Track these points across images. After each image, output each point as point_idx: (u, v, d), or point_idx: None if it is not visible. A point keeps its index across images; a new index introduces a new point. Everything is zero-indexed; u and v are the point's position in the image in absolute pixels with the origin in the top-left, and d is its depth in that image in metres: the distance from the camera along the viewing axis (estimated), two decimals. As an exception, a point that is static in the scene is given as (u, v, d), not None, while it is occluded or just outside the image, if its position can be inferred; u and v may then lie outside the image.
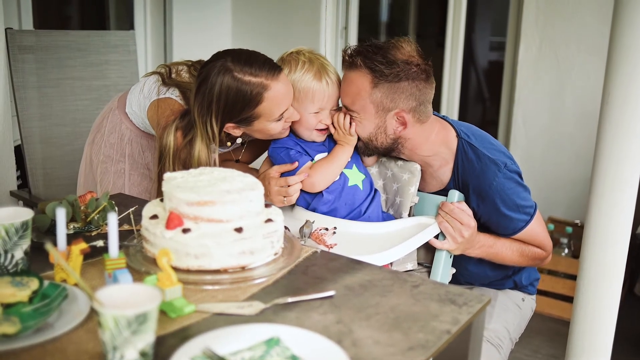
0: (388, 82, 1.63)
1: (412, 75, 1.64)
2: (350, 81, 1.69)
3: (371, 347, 1.01)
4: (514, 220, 1.72)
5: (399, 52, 1.65)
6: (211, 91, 1.65)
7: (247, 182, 1.33)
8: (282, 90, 1.67)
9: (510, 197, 1.69)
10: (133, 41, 2.80)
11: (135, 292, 0.95)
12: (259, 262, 1.27)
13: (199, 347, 0.96)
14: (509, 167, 1.69)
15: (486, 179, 1.68)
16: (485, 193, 1.69)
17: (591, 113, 3.16)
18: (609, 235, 1.48)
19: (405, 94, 1.65)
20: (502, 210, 1.70)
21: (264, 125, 1.71)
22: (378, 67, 1.63)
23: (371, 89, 1.65)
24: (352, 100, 1.69)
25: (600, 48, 3.12)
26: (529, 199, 1.74)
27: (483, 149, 1.71)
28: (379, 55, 1.64)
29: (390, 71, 1.62)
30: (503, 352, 1.77)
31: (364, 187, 1.77)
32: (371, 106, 1.67)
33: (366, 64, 1.64)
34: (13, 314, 1.03)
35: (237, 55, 1.67)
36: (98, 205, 1.46)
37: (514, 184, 1.70)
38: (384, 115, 1.67)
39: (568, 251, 3.08)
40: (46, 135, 2.53)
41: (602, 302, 1.52)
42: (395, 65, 1.63)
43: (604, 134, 1.45)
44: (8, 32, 2.47)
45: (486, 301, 1.19)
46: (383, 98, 1.65)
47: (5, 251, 1.20)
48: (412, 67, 1.64)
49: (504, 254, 1.75)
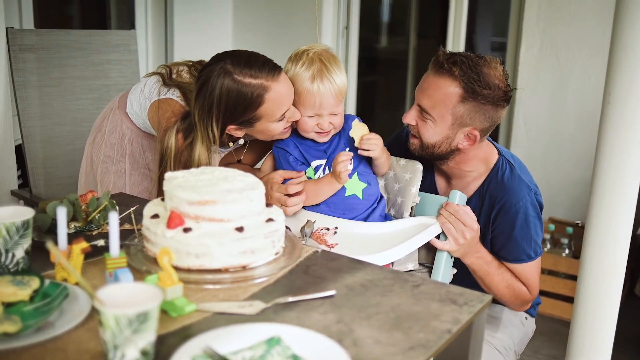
0: (475, 101, 1.64)
1: (497, 102, 1.66)
2: (438, 86, 1.67)
3: (372, 347, 1.01)
4: (520, 251, 1.73)
5: (492, 72, 1.66)
6: (211, 94, 1.64)
7: (248, 181, 1.33)
8: (282, 91, 1.66)
9: (528, 225, 1.71)
10: (134, 41, 2.80)
11: (136, 291, 0.95)
12: (260, 261, 1.27)
13: (199, 346, 0.96)
14: (537, 195, 1.74)
15: (514, 196, 1.70)
16: (509, 208, 1.71)
17: (592, 113, 3.16)
18: (609, 236, 1.48)
19: (485, 116, 1.67)
20: (514, 233, 1.71)
21: (265, 126, 1.71)
22: (472, 85, 1.63)
23: (458, 102, 1.65)
24: (433, 105, 1.68)
25: (601, 48, 3.12)
26: (539, 238, 1.76)
27: (519, 171, 1.75)
28: (474, 72, 1.63)
29: (482, 92, 1.63)
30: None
31: (365, 196, 1.73)
32: (450, 117, 1.67)
33: (462, 76, 1.64)
34: (14, 312, 1.04)
35: (237, 57, 1.66)
36: (99, 204, 1.46)
37: (536, 214, 1.73)
38: (457, 129, 1.69)
39: (569, 252, 3.08)
40: (47, 134, 2.53)
41: (602, 302, 1.52)
42: (488, 87, 1.64)
43: (605, 134, 1.45)
44: (9, 31, 2.47)
45: (487, 301, 1.19)
46: (464, 114, 1.66)
47: (6, 250, 1.20)
48: (500, 93, 1.65)
49: (493, 278, 1.73)
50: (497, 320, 1.85)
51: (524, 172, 1.78)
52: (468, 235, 1.66)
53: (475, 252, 1.71)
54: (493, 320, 1.84)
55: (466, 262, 1.72)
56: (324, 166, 1.74)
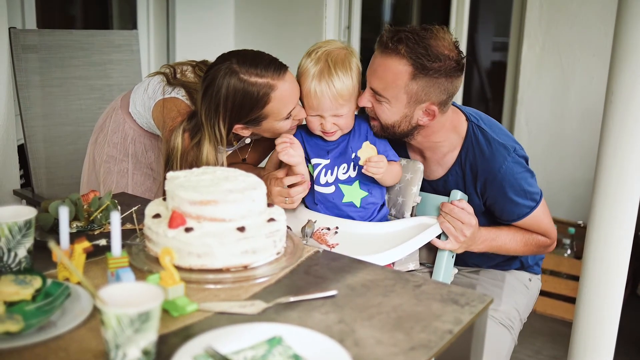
0: (427, 77, 1.59)
1: (450, 72, 1.61)
2: (386, 67, 1.62)
3: (373, 347, 1.01)
4: (520, 206, 1.71)
5: (440, 43, 1.60)
6: (218, 94, 1.64)
7: (250, 181, 1.33)
8: (288, 90, 1.66)
9: (518, 182, 1.68)
10: (136, 41, 2.80)
11: (138, 291, 0.95)
12: (261, 261, 1.27)
13: (201, 345, 0.96)
14: (517, 151, 1.70)
15: (495, 163, 1.68)
16: (494, 177, 1.69)
17: (594, 113, 3.15)
18: (612, 236, 1.48)
19: (440, 89, 1.62)
20: (509, 195, 1.69)
21: (272, 125, 1.71)
22: (421, 60, 1.58)
23: (409, 80, 1.60)
24: (385, 86, 1.63)
25: (603, 48, 3.11)
26: (536, 186, 1.74)
27: (492, 132, 1.71)
28: (421, 47, 1.58)
29: (432, 65, 1.58)
30: (514, 333, 1.78)
31: (363, 204, 1.72)
32: (404, 96, 1.63)
33: (409, 53, 1.58)
34: (16, 312, 1.04)
35: (242, 56, 1.66)
36: (101, 204, 1.46)
37: (522, 168, 1.70)
38: (414, 106, 1.64)
39: (570, 252, 3.08)
40: (49, 134, 2.54)
41: (604, 302, 1.52)
42: (437, 59, 1.58)
43: (608, 134, 1.45)
44: (12, 32, 2.48)
45: (488, 301, 1.19)
46: (418, 90, 1.61)
47: (8, 249, 1.21)
48: (451, 63, 1.60)
49: (507, 246, 1.75)
50: (499, 290, 1.83)
51: (497, 131, 1.74)
52: (468, 232, 1.66)
53: (479, 241, 1.71)
54: (495, 291, 1.83)
55: (473, 251, 1.73)
56: (322, 166, 1.73)
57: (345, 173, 1.73)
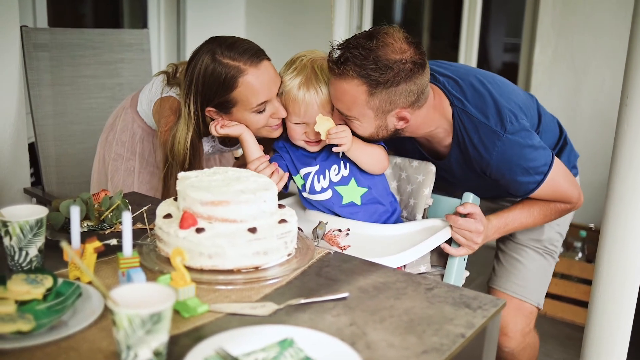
0: (385, 89, 1.53)
1: (408, 75, 1.52)
2: (342, 90, 1.56)
3: (385, 350, 1.00)
4: (524, 184, 1.67)
5: (389, 49, 1.51)
6: (193, 71, 1.67)
7: (262, 182, 1.33)
8: (259, 78, 1.64)
9: (515, 164, 1.62)
10: (147, 40, 2.81)
11: (150, 292, 0.94)
12: (272, 262, 1.27)
13: (212, 347, 0.95)
14: (509, 130, 1.60)
15: (486, 150, 1.62)
16: (487, 163, 1.64)
17: (606, 116, 3.13)
18: (626, 240, 1.47)
19: (403, 94, 1.55)
20: (508, 177, 1.65)
21: (243, 115, 1.69)
22: (372, 75, 1.50)
23: (367, 97, 1.54)
24: (347, 107, 1.59)
25: (616, 51, 3.09)
26: (539, 158, 1.64)
27: (480, 114, 1.62)
28: (369, 61, 1.50)
29: (386, 78, 1.51)
30: (556, 256, 1.86)
31: (364, 201, 1.70)
32: (370, 112, 1.58)
33: (358, 73, 1.51)
34: (27, 311, 1.04)
35: (224, 40, 1.68)
36: (112, 203, 1.46)
37: (518, 148, 1.61)
38: (383, 116, 1.59)
39: (582, 255, 3.06)
40: (60, 133, 2.54)
41: (618, 307, 1.50)
42: (389, 69, 1.50)
43: (622, 137, 1.43)
44: (23, 30, 2.48)
45: (501, 305, 1.18)
46: (381, 103, 1.55)
47: (20, 248, 1.21)
48: (407, 65, 1.51)
49: (525, 223, 1.74)
50: None
51: (483, 108, 1.63)
52: (478, 239, 1.66)
53: (492, 233, 1.71)
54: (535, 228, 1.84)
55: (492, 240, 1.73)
56: (313, 174, 1.72)
57: (337, 174, 1.71)
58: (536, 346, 2.00)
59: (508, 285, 1.90)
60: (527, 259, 1.89)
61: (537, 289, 1.89)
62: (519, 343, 1.89)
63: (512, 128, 1.60)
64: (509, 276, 1.90)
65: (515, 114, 1.63)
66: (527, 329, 1.90)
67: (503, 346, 1.89)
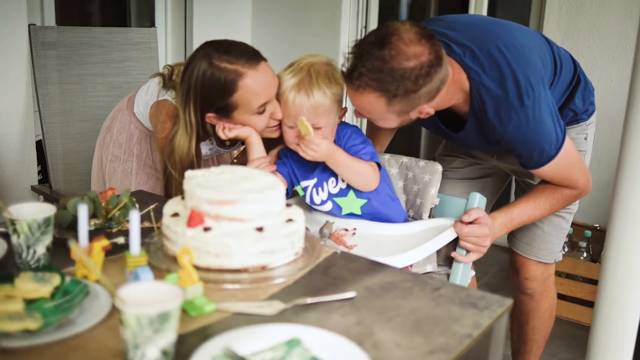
0: (405, 97, 1.52)
1: (427, 78, 1.50)
2: (361, 101, 1.56)
3: (392, 350, 1.00)
4: (534, 158, 1.64)
5: (403, 57, 1.47)
6: (190, 77, 1.65)
7: (269, 181, 1.33)
8: (259, 80, 1.64)
9: (531, 137, 1.60)
10: (154, 38, 2.81)
11: (157, 291, 0.95)
12: (279, 261, 1.27)
13: (219, 346, 0.96)
14: (527, 104, 1.56)
15: (501, 123, 1.59)
16: (501, 136, 1.62)
17: (613, 115, 3.12)
18: (632, 239, 1.46)
19: (424, 95, 1.53)
20: (519, 151, 1.65)
21: (244, 118, 1.68)
22: (390, 88, 1.49)
23: (387, 105, 1.54)
24: (370, 114, 1.61)
25: (623, 50, 3.08)
26: (552, 133, 1.61)
27: (498, 88, 1.58)
28: (385, 74, 1.47)
29: (404, 88, 1.49)
30: (572, 213, 1.99)
31: (365, 212, 1.70)
32: (392, 115, 1.58)
33: (375, 87, 1.50)
34: (35, 309, 1.04)
35: (219, 44, 1.67)
36: (119, 202, 1.46)
37: (534, 123, 1.58)
38: (406, 114, 1.60)
39: (587, 255, 3.05)
40: (67, 130, 2.55)
41: (624, 307, 1.50)
42: (406, 79, 1.48)
43: (629, 137, 1.43)
44: (31, 28, 2.49)
45: (507, 305, 1.18)
46: (402, 107, 1.55)
47: (27, 247, 1.21)
48: (423, 70, 1.48)
49: (531, 216, 1.75)
50: None
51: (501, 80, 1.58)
52: (486, 242, 1.66)
53: (498, 231, 1.72)
54: None
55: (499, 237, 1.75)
56: (312, 187, 1.72)
57: (335, 186, 1.71)
58: (554, 300, 2.09)
59: (527, 249, 1.98)
60: (545, 223, 1.94)
61: (554, 248, 1.98)
62: (539, 284, 2.01)
63: (529, 102, 1.57)
64: (528, 241, 1.98)
65: (531, 83, 1.58)
66: (546, 274, 2.01)
67: (526, 288, 2.03)
